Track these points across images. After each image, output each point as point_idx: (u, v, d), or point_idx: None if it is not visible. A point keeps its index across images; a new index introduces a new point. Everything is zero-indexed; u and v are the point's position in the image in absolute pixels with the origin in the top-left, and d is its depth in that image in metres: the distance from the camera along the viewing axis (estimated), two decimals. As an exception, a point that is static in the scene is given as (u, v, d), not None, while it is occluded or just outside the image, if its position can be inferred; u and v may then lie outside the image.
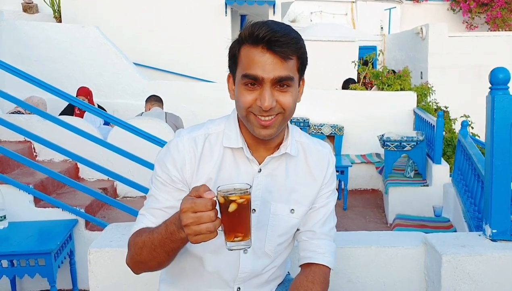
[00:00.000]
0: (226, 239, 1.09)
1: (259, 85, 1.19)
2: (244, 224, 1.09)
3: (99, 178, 4.37)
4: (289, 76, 1.19)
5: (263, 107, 1.18)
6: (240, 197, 1.06)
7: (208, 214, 1.03)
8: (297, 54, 1.21)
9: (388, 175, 6.10)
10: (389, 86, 7.59)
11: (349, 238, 2.06)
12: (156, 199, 1.30)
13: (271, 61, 1.17)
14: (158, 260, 1.21)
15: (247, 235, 1.09)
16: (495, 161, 1.92)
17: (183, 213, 1.04)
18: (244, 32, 1.20)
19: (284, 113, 1.23)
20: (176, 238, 1.13)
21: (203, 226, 1.03)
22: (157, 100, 5.05)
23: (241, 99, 1.21)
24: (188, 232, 1.05)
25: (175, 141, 1.31)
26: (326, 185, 1.41)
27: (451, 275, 1.84)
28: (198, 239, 1.05)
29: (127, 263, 1.30)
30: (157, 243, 1.17)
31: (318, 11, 13.99)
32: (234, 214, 1.06)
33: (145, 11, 8.58)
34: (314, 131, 7.13)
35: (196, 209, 1.03)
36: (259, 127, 1.22)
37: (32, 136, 3.62)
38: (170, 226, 1.14)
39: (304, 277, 1.36)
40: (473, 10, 14.07)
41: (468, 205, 3.82)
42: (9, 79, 4.90)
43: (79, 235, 3.45)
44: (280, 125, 1.24)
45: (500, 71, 1.92)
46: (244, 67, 1.19)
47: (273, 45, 1.16)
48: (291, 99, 1.22)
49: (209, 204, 1.03)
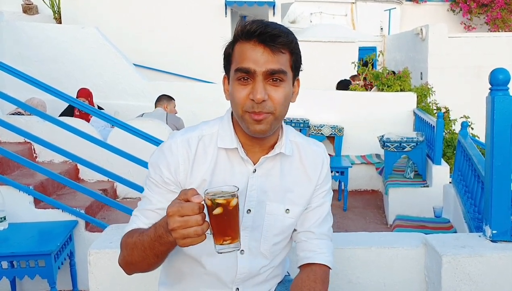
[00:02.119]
0: (215, 242, 1.09)
1: (252, 79, 1.20)
2: (232, 227, 1.08)
3: (99, 179, 4.37)
4: (281, 69, 1.20)
5: (255, 99, 1.19)
6: (227, 200, 1.06)
7: (195, 218, 1.03)
8: (289, 49, 1.22)
9: (388, 175, 6.10)
10: (389, 87, 7.59)
11: (349, 239, 2.06)
12: (149, 200, 1.31)
13: (262, 54, 1.19)
14: (148, 261, 1.22)
15: (235, 238, 1.09)
16: (495, 162, 1.92)
17: (169, 217, 1.04)
18: (237, 29, 1.23)
19: (274, 114, 1.23)
20: (164, 241, 1.13)
21: (190, 229, 1.03)
22: (160, 101, 5.03)
23: (236, 95, 1.23)
24: (176, 236, 1.04)
25: (168, 143, 1.31)
26: (321, 185, 1.41)
27: (451, 276, 1.84)
28: (186, 242, 1.05)
29: (119, 263, 1.30)
30: (147, 245, 1.18)
31: (318, 12, 13.99)
32: (222, 217, 1.06)
33: (145, 12, 8.58)
34: (314, 132, 7.13)
35: (183, 213, 1.03)
36: (253, 123, 1.22)
37: (32, 138, 3.62)
38: (158, 229, 1.14)
39: (306, 276, 1.36)
40: (473, 11, 14.08)
41: (468, 206, 3.82)
42: (9, 80, 4.90)
43: (79, 236, 3.45)
44: (272, 125, 1.24)
45: (500, 72, 1.92)
46: (237, 62, 1.22)
47: (265, 39, 1.18)
48: (283, 95, 1.23)
49: (196, 207, 1.03)
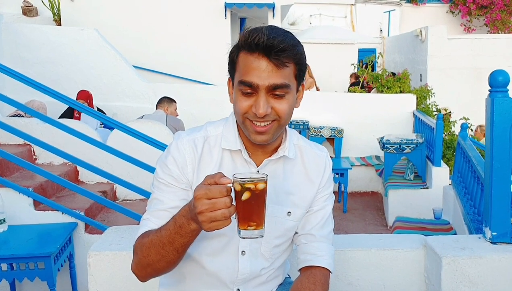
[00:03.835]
0: (239, 227, 1.09)
1: (255, 92, 1.19)
2: (258, 213, 1.08)
3: (99, 181, 4.36)
4: (284, 83, 1.19)
5: (257, 114, 1.18)
6: (256, 185, 1.06)
7: (223, 200, 1.03)
8: (294, 61, 1.20)
9: (388, 177, 6.10)
10: (388, 88, 7.60)
11: (349, 241, 2.06)
12: (160, 201, 1.29)
13: (266, 69, 1.16)
14: (167, 258, 1.19)
15: (260, 224, 1.09)
16: (494, 163, 1.92)
17: (197, 199, 1.04)
18: (241, 39, 1.20)
19: (279, 121, 1.23)
20: (186, 231, 1.12)
21: (218, 212, 1.03)
22: (161, 103, 5.04)
23: (238, 105, 1.22)
24: (203, 219, 1.04)
25: (174, 143, 1.32)
26: (323, 188, 1.42)
27: (451, 278, 1.84)
28: (212, 226, 1.04)
29: (133, 270, 1.28)
30: (165, 240, 1.16)
31: (317, 13, 14.00)
32: (250, 202, 1.06)
33: (144, 14, 8.59)
34: (314, 134, 7.13)
35: (210, 195, 1.03)
36: (255, 134, 1.23)
37: (32, 140, 3.62)
38: (179, 220, 1.13)
39: (305, 279, 1.36)
40: (472, 13, 14.09)
41: (468, 208, 3.82)
42: (9, 82, 4.91)
43: (78, 238, 3.45)
44: (275, 132, 1.25)
45: (500, 74, 1.92)
46: (241, 73, 1.20)
47: (269, 53, 1.15)
48: (287, 106, 1.22)
49: (224, 190, 1.03)
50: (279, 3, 9.09)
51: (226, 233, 1.30)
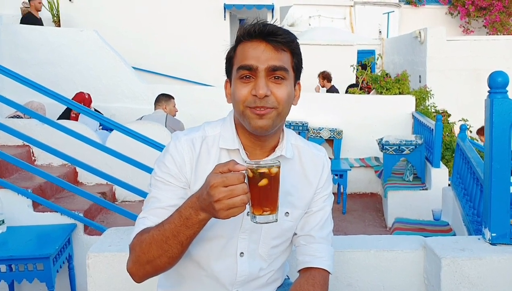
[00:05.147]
0: (254, 212, 1.10)
1: (254, 76, 1.22)
2: (273, 198, 1.10)
3: (98, 182, 4.35)
4: (283, 66, 1.22)
5: (258, 95, 1.20)
6: (270, 169, 1.07)
7: (241, 187, 1.04)
8: (290, 48, 1.25)
9: (387, 178, 6.10)
10: (387, 90, 7.61)
11: (348, 242, 2.06)
12: (158, 199, 1.28)
13: (264, 51, 1.21)
14: (170, 253, 1.18)
15: (275, 209, 1.10)
16: (494, 164, 1.92)
17: (213, 188, 1.04)
18: (239, 31, 1.25)
19: (278, 109, 1.24)
20: (193, 222, 1.12)
21: (237, 198, 1.04)
22: (159, 101, 4.98)
23: (237, 94, 1.24)
24: (220, 207, 1.04)
25: (173, 143, 1.32)
26: (322, 189, 1.41)
27: (451, 279, 1.83)
28: (229, 213, 1.05)
29: (129, 269, 1.26)
30: (169, 234, 1.15)
31: (316, 15, 14.02)
32: (265, 187, 1.07)
33: (144, 16, 8.60)
34: (313, 135, 7.12)
35: (227, 183, 1.03)
36: (255, 118, 1.23)
37: (31, 141, 3.61)
38: (184, 211, 1.13)
39: (304, 281, 1.36)
40: (471, 14, 14.12)
41: (467, 209, 3.82)
42: (8, 83, 4.90)
43: (77, 240, 3.44)
44: (274, 121, 1.25)
45: (499, 75, 1.92)
46: (239, 61, 1.23)
47: (267, 36, 1.21)
48: (285, 93, 1.24)
49: (241, 176, 1.04)
50: (278, 4, 9.11)
51: (224, 234, 1.30)
